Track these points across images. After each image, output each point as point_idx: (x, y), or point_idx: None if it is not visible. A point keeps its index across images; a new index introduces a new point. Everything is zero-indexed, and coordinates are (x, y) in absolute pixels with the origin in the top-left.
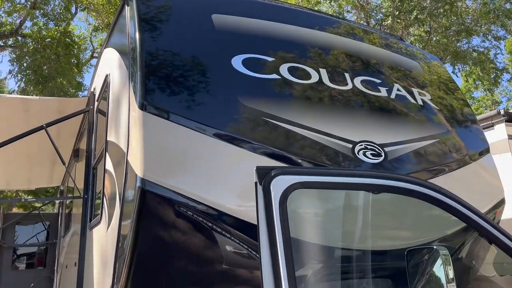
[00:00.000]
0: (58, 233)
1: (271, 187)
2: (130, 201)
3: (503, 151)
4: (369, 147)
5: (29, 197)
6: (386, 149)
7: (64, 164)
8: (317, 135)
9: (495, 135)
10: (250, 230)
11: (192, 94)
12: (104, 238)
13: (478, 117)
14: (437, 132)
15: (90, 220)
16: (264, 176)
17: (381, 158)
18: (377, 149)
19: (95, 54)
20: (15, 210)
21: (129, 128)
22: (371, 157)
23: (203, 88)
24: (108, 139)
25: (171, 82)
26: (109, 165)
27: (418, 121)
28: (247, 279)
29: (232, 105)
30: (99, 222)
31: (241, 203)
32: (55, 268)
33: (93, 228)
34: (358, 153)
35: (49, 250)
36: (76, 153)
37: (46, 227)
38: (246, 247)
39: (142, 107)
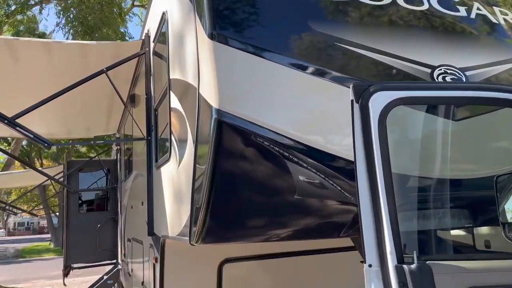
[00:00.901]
0: (118, 177)
1: (370, 105)
2: (205, 134)
3: None
4: (448, 71)
5: (84, 148)
6: (467, 73)
7: (126, 106)
8: (394, 60)
9: None
10: (329, 160)
11: (261, 21)
12: (175, 175)
13: None
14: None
15: (156, 160)
16: (362, 93)
17: None
18: (457, 74)
19: (136, 3)
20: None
21: (198, 61)
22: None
23: (272, 15)
24: (171, 77)
25: (239, 10)
26: (175, 103)
27: (500, 43)
28: (324, 209)
29: (303, 32)
30: (167, 160)
31: (318, 133)
32: (119, 210)
33: (161, 167)
34: (437, 78)
35: (110, 194)
36: (132, 99)
37: (107, 173)
38: (324, 177)
39: (212, 37)
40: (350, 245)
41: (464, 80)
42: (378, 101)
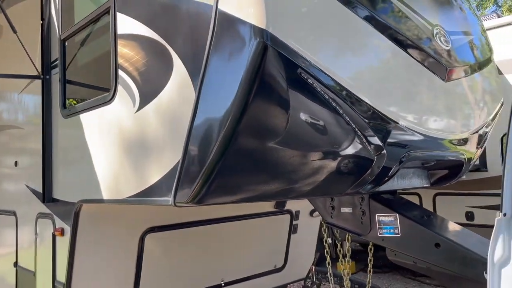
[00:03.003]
0: None
1: None
2: (228, 64)
3: None
4: (441, 32)
5: None
6: (452, 37)
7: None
8: (414, 15)
9: None
10: (374, 118)
11: None
12: (128, 120)
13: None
14: (473, 29)
15: (65, 106)
16: None
17: (450, 46)
18: (445, 36)
19: None
20: None
21: None
22: (443, 42)
23: None
24: None
25: None
26: (131, 28)
27: (463, 17)
28: (347, 166)
29: None
30: (108, 102)
31: (372, 89)
32: None
33: (83, 113)
34: (435, 35)
35: None
36: None
37: None
38: (361, 133)
39: None
40: (267, 210)
41: (450, 43)
42: None
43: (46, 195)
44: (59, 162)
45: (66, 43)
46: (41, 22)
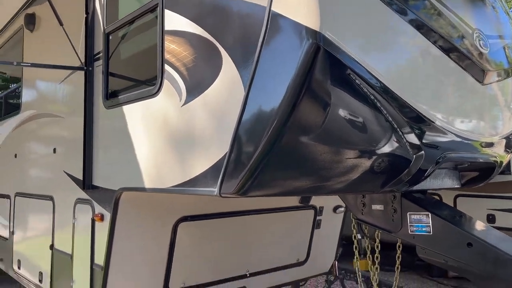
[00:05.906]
0: None
1: None
2: (279, 63)
3: None
4: (481, 35)
5: None
6: (490, 41)
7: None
8: (455, 19)
9: None
10: (415, 120)
11: None
12: (174, 113)
13: None
14: (507, 33)
15: (107, 97)
16: None
17: (488, 49)
18: (484, 39)
19: None
20: None
21: None
22: (482, 46)
23: None
24: None
25: None
26: (178, 25)
27: (497, 18)
28: (386, 165)
29: None
30: (153, 95)
31: (409, 84)
32: None
33: (126, 105)
34: (475, 39)
35: None
36: (30, 20)
37: None
38: (401, 131)
39: None
40: (293, 205)
41: (488, 47)
42: None
43: (86, 182)
44: (100, 151)
45: (110, 37)
46: (85, 15)
